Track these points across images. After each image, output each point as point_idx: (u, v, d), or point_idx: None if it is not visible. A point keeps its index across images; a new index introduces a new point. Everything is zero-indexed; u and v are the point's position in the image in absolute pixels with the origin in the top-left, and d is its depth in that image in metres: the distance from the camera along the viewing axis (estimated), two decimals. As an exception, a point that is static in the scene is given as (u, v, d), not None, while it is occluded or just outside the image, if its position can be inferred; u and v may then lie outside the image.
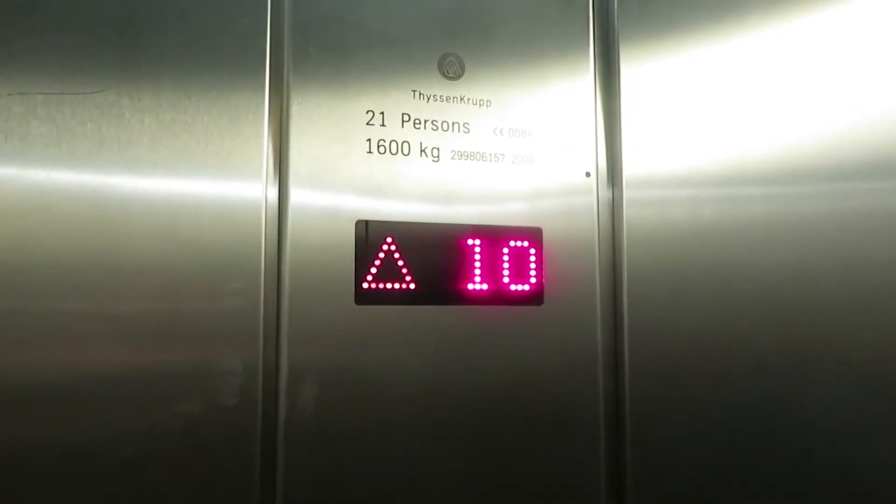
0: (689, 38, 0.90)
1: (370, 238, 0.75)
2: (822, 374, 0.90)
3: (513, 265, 0.80)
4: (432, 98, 0.80)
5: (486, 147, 0.81)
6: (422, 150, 0.79)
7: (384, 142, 0.77)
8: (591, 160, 0.85)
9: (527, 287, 0.80)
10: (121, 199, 0.68)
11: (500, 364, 0.79)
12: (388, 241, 0.76)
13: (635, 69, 0.87)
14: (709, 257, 0.87)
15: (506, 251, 0.80)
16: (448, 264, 0.78)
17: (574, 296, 0.82)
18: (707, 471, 0.86)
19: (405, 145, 0.78)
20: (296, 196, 0.74)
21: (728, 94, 0.90)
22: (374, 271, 0.75)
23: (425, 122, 0.79)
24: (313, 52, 0.76)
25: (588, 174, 0.85)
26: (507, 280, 0.79)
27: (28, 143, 0.66)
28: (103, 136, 0.68)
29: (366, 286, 0.75)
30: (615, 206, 0.86)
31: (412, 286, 0.76)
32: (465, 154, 0.80)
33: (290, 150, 0.74)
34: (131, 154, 0.69)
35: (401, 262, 0.76)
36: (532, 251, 0.81)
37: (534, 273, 0.80)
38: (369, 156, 0.77)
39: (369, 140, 0.77)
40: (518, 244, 0.80)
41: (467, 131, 0.81)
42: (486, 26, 0.82)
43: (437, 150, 0.79)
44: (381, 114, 0.77)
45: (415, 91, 0.79)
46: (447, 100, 0.80)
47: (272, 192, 0.73)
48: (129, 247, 0.68)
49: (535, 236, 0.81)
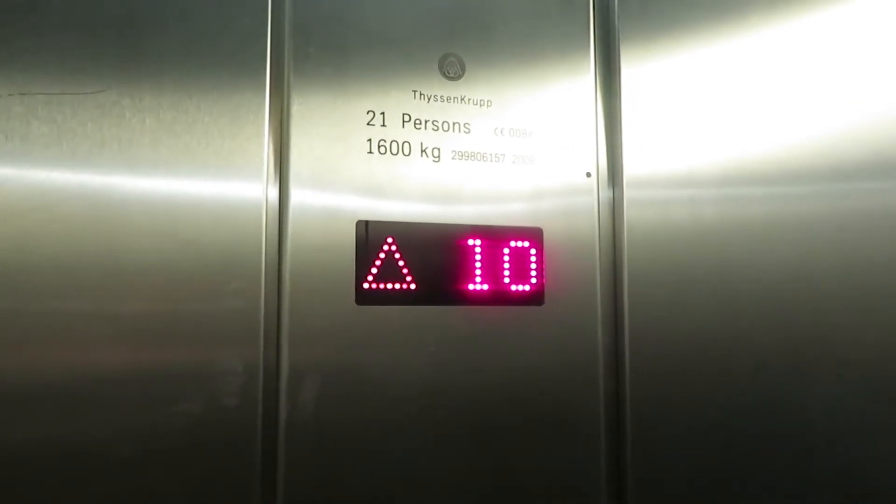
0: (689, 38, 0.90)
1: (371, 238, 0.75)
2: (823, 374, 0.90)
3: (513, 265, 0.80)
4: (433, 98, 0.80)
5: (487, 147, 0.81)
6: (422, 151, 0.79)
7: (385, 142, 0.77)
8: (592, 160, 0.85)
9: (527, 287, 0.80)
10: (121, 199, 0.68)
11: (501, 364, 0.79)
12: (389, 241, 0.76)
13: (636, 69, 0.87)
14: (709, 257, 0.87)
15: (506, 251, 0.80)
16: (449, 264, 0.78)
17: (575, 296, 0.82)
18: (708, 471, 0.86)
19: (406, 145, 0.78)
20: (296, 196, 0.73)
21: (728, 94, 0.90)
22: (374, 271, 0.75)
23: (426, 122, 0.79)
24: (314, 53, 0.76)
25: (588, 174, 0.85)
26: (507, 280, 0.79)
27: (29, 143, 0.66)
28: (104, 136, 0.68)
29: (366, 286, 0.75)
30: (616, 207, 0.86)
31: (413, 286, 0.76)
32: (466, 154, 0.80)
33: (291, 150, 0.74)
34: (132, 154, 0.68)
35: (401, 263, 0.76)
36: (532, 251, 0.81)
37: (534, 273, 0.80)
38: (370, 156, 0.77)
39: (370, 140, 0.77)
40: (519, 244, 0.80)
41: (468, 131, 0.81)
42: (487, 26, 0.82)
43: (438, 150, 0.79)
44: (382, 114, 0.77)
45: (415, 91, 0.79)
46: (448, 100, 0.80)
47: (273, 193, 0.73)
48: (129, 247, 0.68)
49: (535, 236, 0.81)
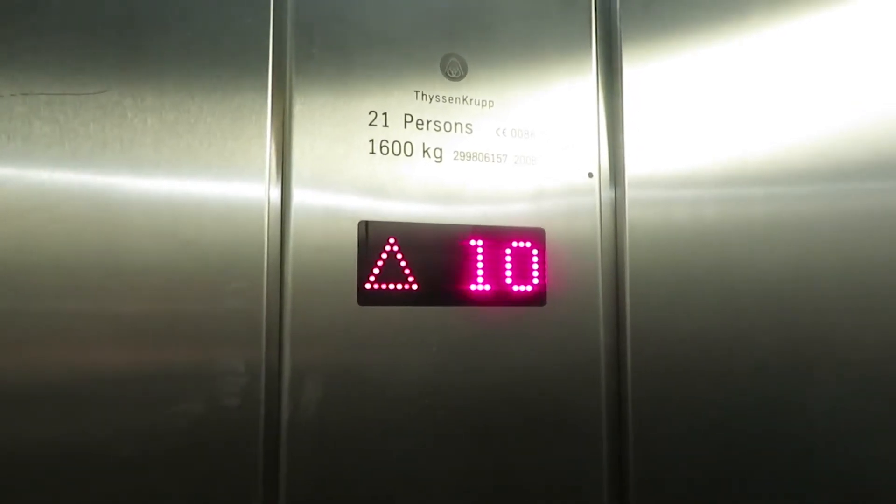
0: (690, 38, 0.90)
1: (373, 239, 0.75)
2: (823, 374, 0.90)
3: (515, 266, 0.80)
4: (435, 99, 0.79)
5: (489, 147, 0.81)
6: (424, 151, 0.78)
7: (387, 142, 0.77)
8: (594, 160, 0.85)
9: (529, 288, 0.80)
10: (123, 199, 0.68)
11: (503, 364, 0.79)
12: (391, 241, 0.76)
13: (637, 69, 0.87)
14: (710, 257, 0.87)
15: (508, 252, 0.80)
16: (450, 265, 0.78)
17: (576, 296, 0.82)
18: (709, 471, 0.86)
19: (408, 146, 0.78)
20: (298, 196, 0.73)
21: (730, 94, 0.90)
22: (376, 272, 0.75)
23: (428, 122, 0.79)
24: (316, 53, 0.75)
25: (590, 174, 0.85)
26: (509, 281, 0.79)
27: (31, 144, 0.65)
28: (106, 137, 0.68)
29: (368, 287, 0.74)
30: (617, 207, 0.86)
31: (415, 287, 0.76)
32: (468, 155, 0.80)
33: (293, 150, 0.74)
34: (134, 154, 0.68)
35: (403, 263, 0.76)
36: (534, 252, 0.81)
37: (536, 273, 0.80)
38: (372, 156, 0.76)
39: (372, 140, 0.77)
40: (520, 245, 0.80)
41: (470, 132, 0.80)
42: (489, 27, 0.82)
43: (440, 150, 0.79)
44: (384, 114, 0.77)
45: (417, 91, 0.79)
46: (450, 100, 0.80)
47: (275, 193, 0.73)
48: (131, 247, 0.67)
49: (537, 237, 0.81)
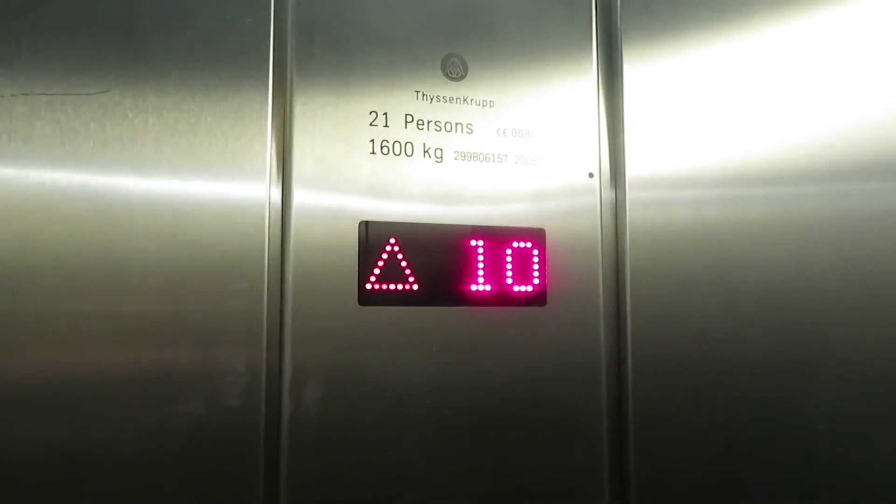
0: (691, 38, 0.89)
1: (373, 239, 0.75)
2: (824, 375, 0.90)
3: (516, 266, 0.80)
4: (435, 99, 0.79)
5: (490, 148, 0.81)
6: (425, 151, 0.78)
7: (387, 142, 0.77)
8: (595, 161, 0.85)
9: (530, 288, 0.80)
10: (124, 199, 0.68)
11: (503, 364, 0.79)
12: (392, 241, 0.76)
13: (638, 69, 0.87)
14: (711, 258, 0.87)
15: (509, 252, 0.80)
16: (451, 265, 0.78)
17: (577, 296, 0.82)
18: (709, 470, 0.86)
19: (408, 146, 0.78)
20: (299, 196, 0.73)
21: (730, 94, 0.90)
22: (377, 272, 0.75)
23: (428, 122, 0.79)
24: (317, 53, 0.75)
25: (591, 175, 0.85)
26: (510, 281, 0.79)
27: (32, 144, 0.65)
28: (107, 137, 0.68)
29: (369, 287, 0.74)
30: (618, 207, 0.85)
31: (415, 287, 0.76)
32: (469, 155, 0.80)
33: (294, 150, 0.74)
34: (135, 154, 0.68)
35: (404, 263, 0.76)
36: (535, 252, 0.81)
37: (537, 274, 0.80)
38: (373, 156, 0.76)
39: (373, 140, 0.77)
40: (521, 245, 0.80)
41: (471, 132, 0.80)
42: (489, 27, 0.82)
43: (441, 150, 0.79)
44: (385, 114, 0.77)
45: (418, 92, 0.79)
46: (450, 100, 0.80)
47: (275, 193, 0.73)
48: (132, 247, 0.67)
49: (538, 237, 0.81)
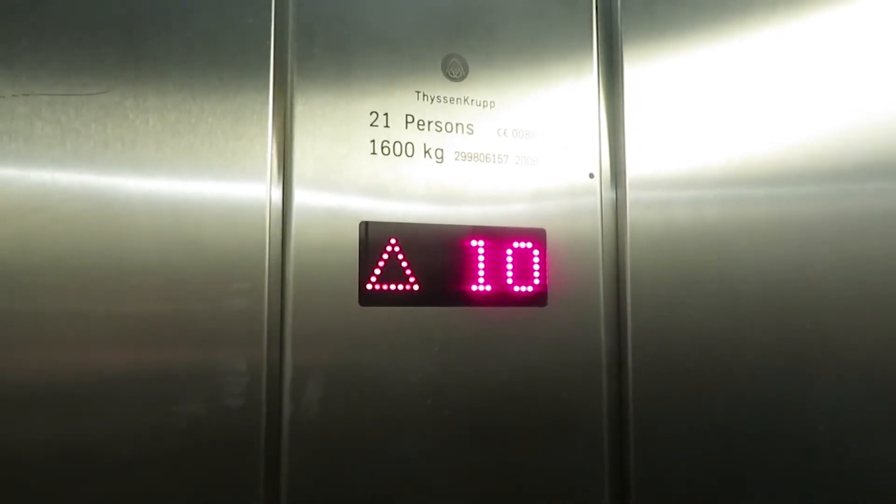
0: (691, 38, 0.90)
1: (374, 239, 0.75)
2: (824, 375, 0.90)
3: (516, 266, 0.80)
4: (436, 99, 0.79)
5: (490, 148, 0.81)
6: (426, 151, 0.79)
7: (388, 143, 0.77)
8: (595, 161, 0.85)
9: (530, 288, 0.80)
10: (125, 199, 0.68)
11: (504, 365, 0.79)
12: (392, 242, 0.76)
13: (639, 70, 0.87)
14: (711, 258, 0.87)
15: (509, 252, 0.80)
16: (452, 265, 0.78)
17: (577, 297, 0.82)
18: (710, 470, 0.86)
19: (409, 146, 0.78)
20: (300, 197, 0.73)
21: (731, 94, 0.90)
22: (377, 272, 0.75)
23: (429, 123, 0.79)
24: (317, 53, 0.75)
25: (591, 175, 0.85)
26: (510, 281, 0.79)
27: (32, 144, 0.65)
28: (108, 137, 0.68)
29: (369, 287, 0.75)
30: (618, 207, 0.86)
31: (416, 287, 0.76)
32: (469, 155, 0.80)
33: (294, 150, 0.74)
34: (136, 154, 0.68)
35: (404, 264, 0.76)
36: (535, 252, 0.81)
37: (537, 274, 0.80)
38: (373, 157, 0.76)
39: (373, 141, 0.77)
40: (521, 245, 0.80)
41: (471, 132, 0.80)
42: (490, 27, 0.82)
43: (441, 151, 0.79)
44: (385, 115, 0.77)
45: (419, 92, 0.79)
46: (451, 101, 0.80)
47: (276, 193, 0.73)
48: (132, 247, 0.67)
49: (538, 237, 0.81)
